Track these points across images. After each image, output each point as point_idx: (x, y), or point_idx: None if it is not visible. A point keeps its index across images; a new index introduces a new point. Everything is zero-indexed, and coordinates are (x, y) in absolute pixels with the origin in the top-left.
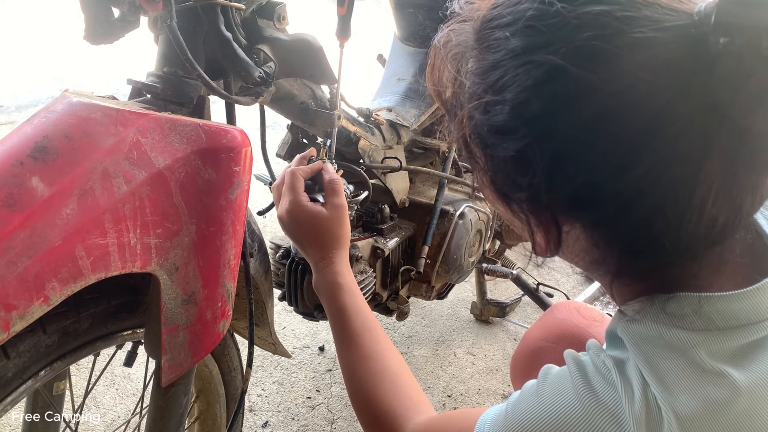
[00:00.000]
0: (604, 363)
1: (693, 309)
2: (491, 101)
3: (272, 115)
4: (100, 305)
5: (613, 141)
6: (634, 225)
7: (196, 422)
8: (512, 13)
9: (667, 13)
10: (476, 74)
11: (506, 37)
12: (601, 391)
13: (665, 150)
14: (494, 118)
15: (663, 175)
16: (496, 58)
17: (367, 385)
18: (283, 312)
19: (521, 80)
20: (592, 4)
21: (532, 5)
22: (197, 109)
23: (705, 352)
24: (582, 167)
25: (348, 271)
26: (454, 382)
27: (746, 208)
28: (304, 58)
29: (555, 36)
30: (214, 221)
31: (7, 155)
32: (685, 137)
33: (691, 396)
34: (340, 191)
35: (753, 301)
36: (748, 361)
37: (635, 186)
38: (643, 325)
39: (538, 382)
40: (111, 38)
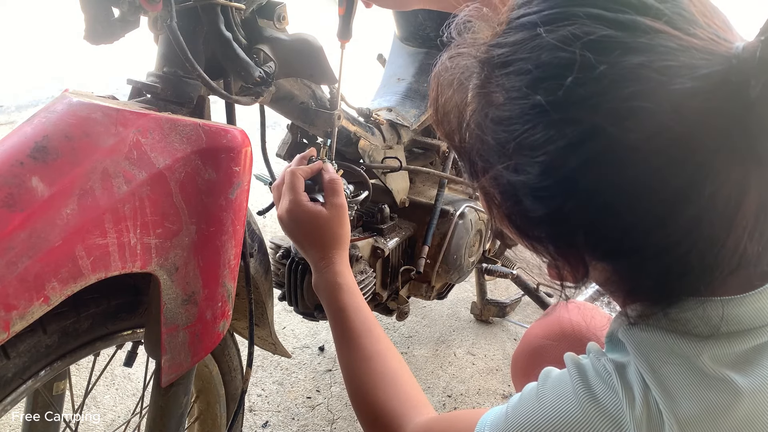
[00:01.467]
0: (605, 367)
1: (696, 313)
2: (521, 161)
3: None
4: (100, 305)
5: (653, 199)
6: (666, 269)
7: (196, 422)
8: (531, 59)
9: (703, 58)
10: (495, 123)
11: (527, 86)
12: (602, 395)
13: (704, 204)
14: (526, 177)
15: (701, 224)
16: (518, 110)
17: (367, 385)
18: (283, 312)
19: (554, 140)
20: (629, 55)
21: (556, 53)
22: (197, 109)
23: (708, 357)
24: (618, 226)
25: (348, 271)
26: (454, 382)
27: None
28: (304, 58)
29: (588, 92)
30: (214, 221)
31: (7, 155)
32: (723, 188)
33: (692, 401)
34: (340, 191)
35: (756, 306)
36: (751, 366)
37: (671, 237)
38: (645, 328)
39: (539, 385)
40: (111, 38)
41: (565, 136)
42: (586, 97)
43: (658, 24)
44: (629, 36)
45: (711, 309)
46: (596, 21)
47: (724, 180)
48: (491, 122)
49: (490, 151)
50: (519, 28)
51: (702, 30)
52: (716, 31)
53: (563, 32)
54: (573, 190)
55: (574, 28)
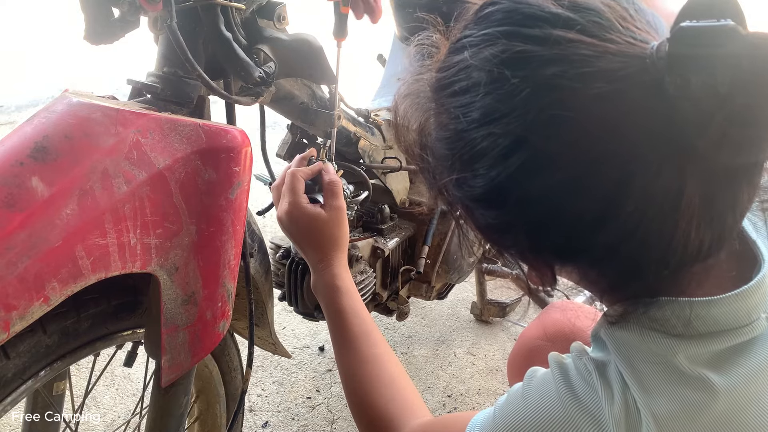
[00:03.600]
0: (585, 366)
1: (675, 314)
2: (463, 176)
3: (272, 115)
4: (100, 305)
5: (588, 199)
6: (622, 263)
7: (196, 422)
8: (465, 80)
9: (620, 61)
10: (441, 142)
11: (464, 105)
12: (582, 393)
13: (641, 196)
14: (470, 191)
15: (644, 218)
16: (459, 127)
17: (364, 388)
18: (283, 312)
19: (487, 152)
20: (544, 67)
21: (482, 74)
22: (197, 109)
23: (685, 356)
24: (562, 227)
25: (346, 273)
26: (454, 383)
27: (729, 225)
28: (304, 58)
29: (510, 105)
30: (214, 221)
31: (7, 155)
32: (658, 181)
33: (669, 399)
34: (339, 193)
35: (733, 307)
36: (728, 365)
37: (618, 234)
38: (625, 328)
39: (524, 386)
40: (111, 38)
41: (495, 148)
42: (509, 111)
43: (570, 34)
44: (544, 49)
45: (688, 309)
46: (513, 39)
47: (656, 174)
48: (438, 141)
49: (441, 167)
50: (456, 51)
51: (619, 34)
52: (633, 34)
53: (485, 53)
54: (510, 199)
55: (494, 48)
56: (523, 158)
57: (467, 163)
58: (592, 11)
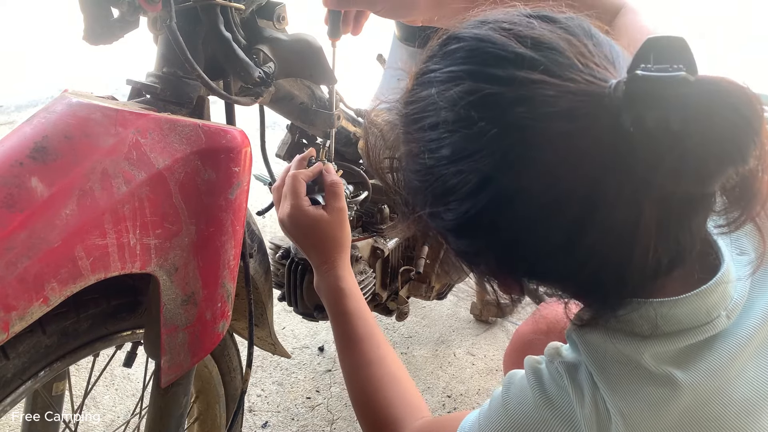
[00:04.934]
0: (557, 370)
1: (640, 315)
2: (436, 209)
3: (272, 116)
4: (100, 306)
5: (552, 229)
6: (584, 282)
7: (195, 422)
8: (434, 116)
9: (580, 100)
10: (413, 173)
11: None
12: (555, 397)
13: (601, 226)
14: (442, 223)
15: (604, 244)
16: (430, 162)
17: (368, 390)
18: (282, 312)
19: (458, 188)
20: (510, 108)
21: (449, 113)
22: (197, 109)
23: (650, 355)
24: (528, 254)
25: (350, 274)
26: (454, 383)
27: (686, 245)
28: (303, 58)
29: (478, 145)
30: (213, 222)
31: (7, 155)
32: (616, 211)
33: (636, 396)
34: (340, 194)
35: (694, 306)
36: (691, 362)
37: (579, 259)
38: (594, 331)
39: (503, 392)
40: (110, 38)
41: (465, 186)
42: (476, 150)
43: (534, 75)
44: (509, 90)
45: (652, 310)
46: (479, 79)
47: (615, 205)
48: (410, 172)
49: (414, 197)
50: (423, 85)
51: (579, 73)
52: (593, 72)
53: (452, 93)
54: (480, 231)
55: (460, 89)
56: (491, 194)
57: (439, 198)
58: (553, 50)
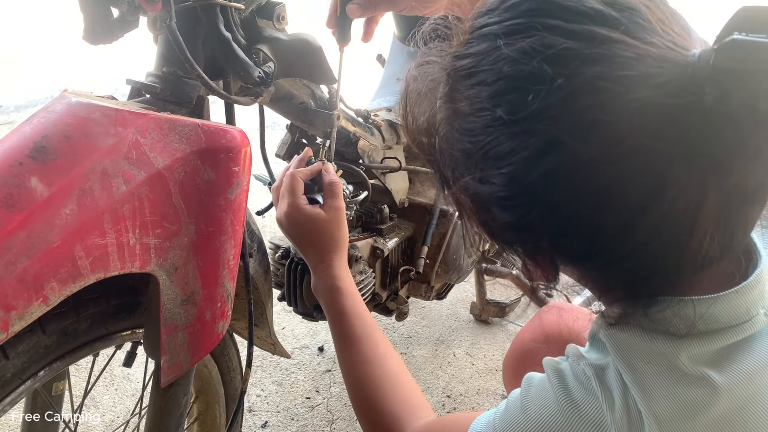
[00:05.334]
0: (584, 371)
1: (674, 312)
2: (486, 173)
3: (272, 115)
4: (100, 305)
5: (615, 208)
6: (630, 269)
7: (195, 422)
8: (493, 71)
9: (660, 66)
10: (461, 134)
11: (490, 98)
12: (582, 401)
13: (665, 210)
14: (492, 188)
15: (662, 230)
16: (483, 122)
17: (368, 389)
18: (282, 312)
19: (517, 151)
20: (586, 66)
21: (516, 66)
22: (196, 109)
23: (686, 356)
24: (584, 233)
25: (347, 274)
26: (454, 383)
27: (738, 238)
28: (303, 58)
29: (548, 104)
30: (213, 221)
31: (6, 155)
32: (683, 195)
33: (670, 399)
34: (339, 194)
35: (733, 304)
36: (728, 363)
37: (635, 243)
38: (625, 329)
39: (522, 394)
40: (110, 38)
41: (526, 148)
42: (545, 110)
43: (615, 34)
44: (586, 47)
45: (688, 308)
46: (554, 32)
47: (683, 187)
48: (458, 132)
49: (458, 161)
50: (481, 38)
51: (659, 38)
52: (674, 39)
53: (523, 45)
54: (536, 200)
55: (532, 41)
56: (557, 161)
57: (492, 160)
58: (633, 11)
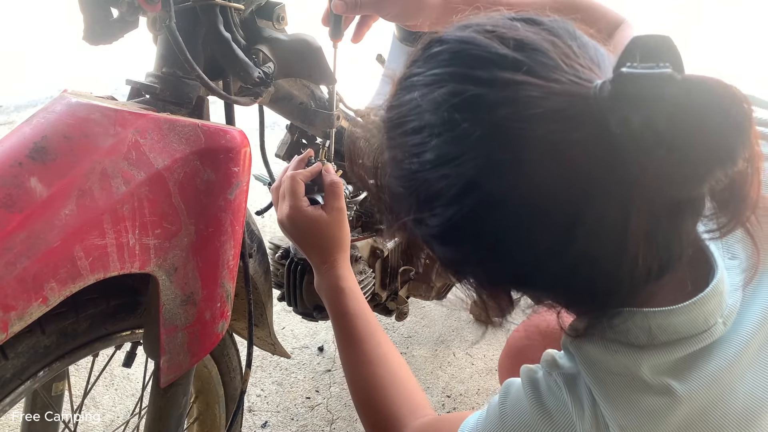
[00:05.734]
0: (556, 381)
1: (636, 325)
2: (420, 216)
3: (271, 116)
4: (99, 306)
5: (539, 235)
6: (573, 289)
7: (195, 422)
8: (416, 120)
9: (565, 101)
10: (398, 180)
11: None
12: (554, 410)
13: (589, 231)
14: (427, 229)
15: (592, 250)
16: (414, 167)
17: (370, 389)
18: (282, 312)
19: (443, 193)
20: (493, 110)
21: (432, 116)
22: (196, 109)
23: (647, 366)
24: (515, 261)
25: (350, 274)
26: (454, 383)
27: (675, 251)
28: (303, 59)
29: (462, 148)
30: (213, 222)
31: (6, 156)
32: (605, 215)
33: (633, 408)
34: (340, 194)
35: (691, 315)
36: (688, 371)
37: (568, 265)
38: (590, 341)
39: (500, 402)
40: (110, 39)
41: (450, 190)
42: (460, 154)
43: (518, 76)
44: (492, 91)
45: (647, 319)
46: (464, 81)
47: (602, 210)
48: (393, 178)
49: (398, 203)
50: (405, 89)
51: (563, 74)
52: (578, 73)
53: (435, 95)
54: (465, 237)
55: (444, 91)
56: (477, 199)
57: (424, 203)
58: (537, 51)
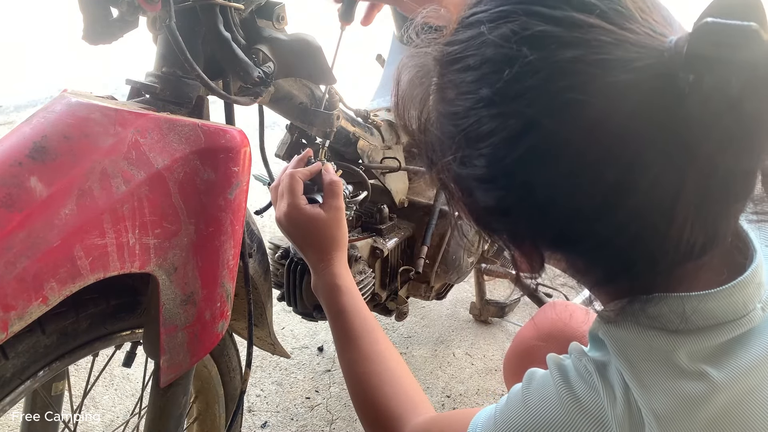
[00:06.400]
0: (586, 367)
1: (671, 309)
2: (468, 154)
3: (271, 116)
4: (99, 305)
5: (591, 190)
6: (613, 256)
7: (195, 422)
8: (478, 56)
9: (637, 51)
10: (447, 117)
11: (474, 81)
12: (584, 396)
13: (642, 193)
14: (473, 170)
15: (640, 214)
16: (467, 104)
17: (368, 386)
18: (282, 312)
19: (496, 132)
20: (564, 50)
21: (498, 50)
22: (196, 109)
23: (684, 352)
24: (562, 215)
25: (347, 272)
26: (453, 383)
27: (721, 229)
28: (303, 58)
29: (526, 86)
30: (212, 221)
31: (6, 155)
32: (660, 178)
33: (668, 395)
34: (339, 193)
35: (729, 300)
36: (726, 358)
37: (614, 226)
38: (623, 327)
39: (523, 388)
40: (109, 38)
41: (504, 129)
42: (523, 92)
43: (592, 19)
44: (564, 31)
45: (686, 304)
46: (533, 17)
47: (660, 171)
48: (443, 117)
49: (443, 144)
50: (468, 26)
51: (638, 25)
52: (652, 26)
53: (503, 29)
54: (514, 182)
55: (513, 25)
56: (534, 141)
57: (473, 142)
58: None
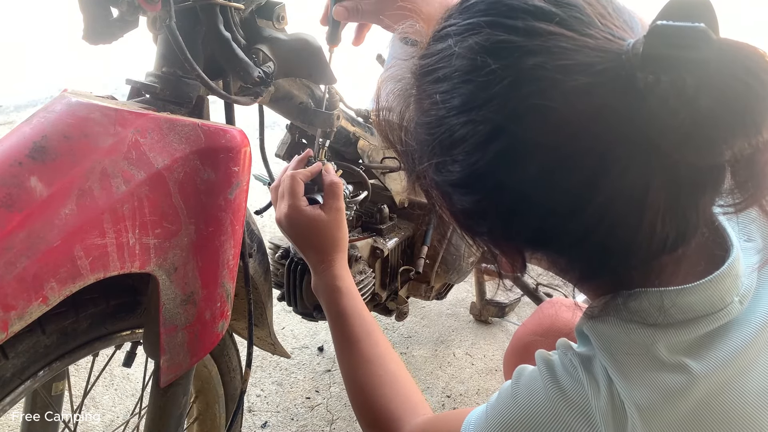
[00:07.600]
0: (571, 361)
1: (651, 304)
2: (443, 161)
3: (271, 115)
4: (99, 305)
5: (561, 189)
6: (590, 253)
7: (195, 422)
8: (448, 67)
9: (597, 56)
10: (422, 127)
11: (446, 92)
12: (569, 389)
13: (610, 190)
14: (449, 176)
15: (611, 211)
16: (440, 113)
17: (366, 388)
18: (282, 312)
19: (467, 138)
20: (526, 57)
21: (466, 61)
22: (196, 109)
23: (664, 345)
24: (534, 216)
25: (347, 274)
26: (454, 383)
27: (692, 222)
28: (303, 58)
29: (492, 93)
30: (213, 221)
31: (6, 155)
32: (626, 175)
33: (649, 388)
34: (339, 194)
35: (707, 293)
36: (704, 351)
37: (586, 224)
38: (606, 322)
39: (513, 384)
40: (110, 38)
41: (474, 135)
42: (489, 99)
43: (552, 27)
44: (526, 40)
45: (666, 299)
46: (497, 29)
47: (625, 168)
48: (419, 126)
49: (421, 152)
50: (439, 40)
51: (598, 30)
52: (612, 31)
53: (470, 42)
54: (487, 185)
55: (478, 37)
56: (501, 146)
57: (447, 149)
58: (573, 6)
